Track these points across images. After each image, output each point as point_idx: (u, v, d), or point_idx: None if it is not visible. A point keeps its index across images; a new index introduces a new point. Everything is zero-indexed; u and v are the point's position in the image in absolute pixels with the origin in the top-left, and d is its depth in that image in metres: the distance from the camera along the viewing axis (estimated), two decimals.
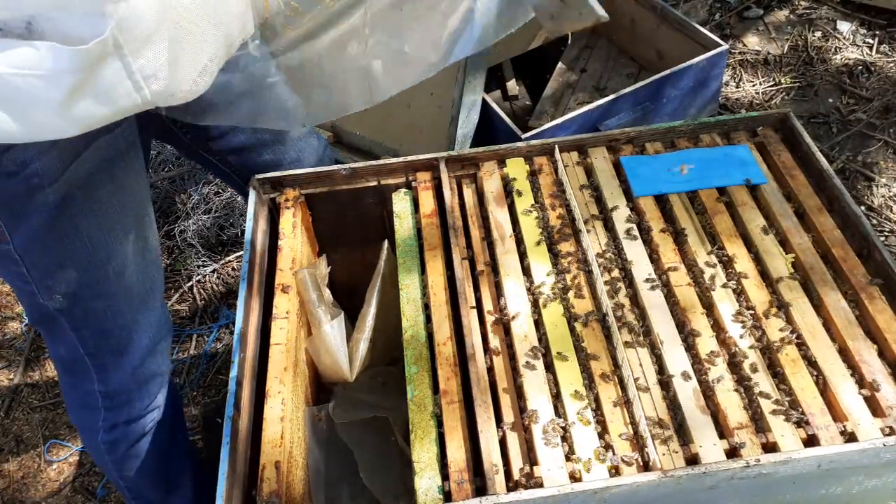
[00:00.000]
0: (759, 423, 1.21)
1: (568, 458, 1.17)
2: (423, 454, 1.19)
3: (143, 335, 1.42)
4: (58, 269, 1.25)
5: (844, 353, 1.28)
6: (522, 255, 1.47)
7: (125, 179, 1.28)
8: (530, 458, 1.19)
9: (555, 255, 1.46)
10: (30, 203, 1.17)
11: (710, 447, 1.17)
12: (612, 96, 2.27)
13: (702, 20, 3.22)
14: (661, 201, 1.55)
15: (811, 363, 1.27)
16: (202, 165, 1.64)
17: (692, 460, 1.17)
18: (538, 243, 1.48)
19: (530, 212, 1.53)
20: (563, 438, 1.20)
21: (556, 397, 1.25)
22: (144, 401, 1.50)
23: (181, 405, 1.70)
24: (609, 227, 1.51)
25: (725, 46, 2.37)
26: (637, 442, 1.18)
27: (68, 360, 1.43)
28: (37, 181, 1.15)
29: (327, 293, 1.57)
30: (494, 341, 1.34)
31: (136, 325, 1.40)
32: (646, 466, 1.16)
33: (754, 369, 1.26)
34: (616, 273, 1.42)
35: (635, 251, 1.45)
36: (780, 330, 1.31)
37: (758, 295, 1.36)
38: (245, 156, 1.57)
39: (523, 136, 2.17)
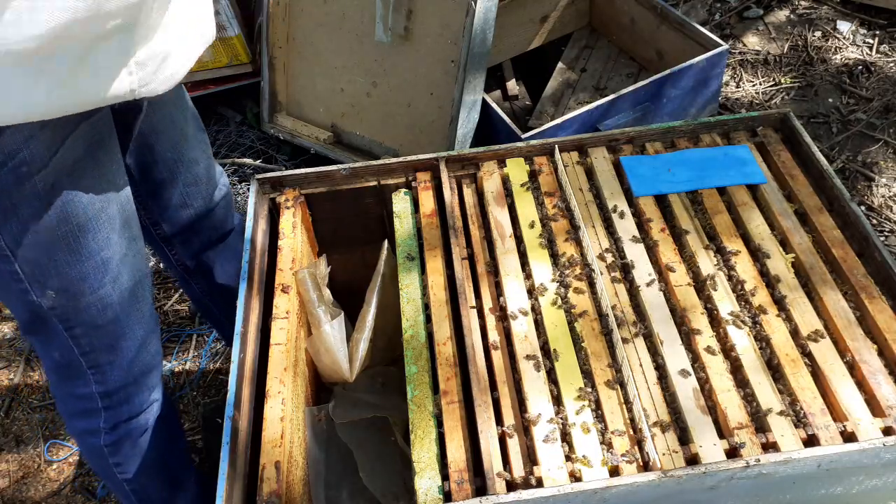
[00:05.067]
0: (758, 423, 1.21)
1: (568, 458, 1.17)
2: (423, 454, 1.19)
3: (136, 328, 1.41)
4: (49, 262, 1.24)
5: (844, 353, 1.28)
6: (522, 255, 1.47)
7: (109, 167, 1.27)
8: (530, 458, 1.19)
9: (555, 255, 1.46)
10: (19, 194, 1.16)
11: (709, 447, 1.17)
12: (612, 96, 2.27)
13: (702, 20, 3.22)
14: (661, 201, 1.55)
15: (811, 363, 1.27)
16: None
17: (692, 460, 1.17)
18: (538, 243, 1.48)
19: (530, 212, 1.53)
20: (563, 438, 1.20)
21: (556, 397, 1.25)
22: (143, 394, 1.49)
23: (172, 401, 1.69)
24: (609, 227, 1.51)
25: (725, 46, 2.38)
26: (637, 442, 1.18)
27: (62, 364, 1.41)
28: (25, 170, 1.14)
29: (327, 293, 1.57)
30: (494, 341, 1.34)
31: (128, 319, 1.39)
32: (646, 466, 1.16)
33: (754, 369, 1.26)
34: (616, 273, 1.42)
35: (635, 251, 1.45)
36: (780, 330, 1.31)
37: (757, 295, 1.36)
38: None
39: (523, 136, 2.18)
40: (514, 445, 1.20)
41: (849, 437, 1.18)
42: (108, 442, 1.51)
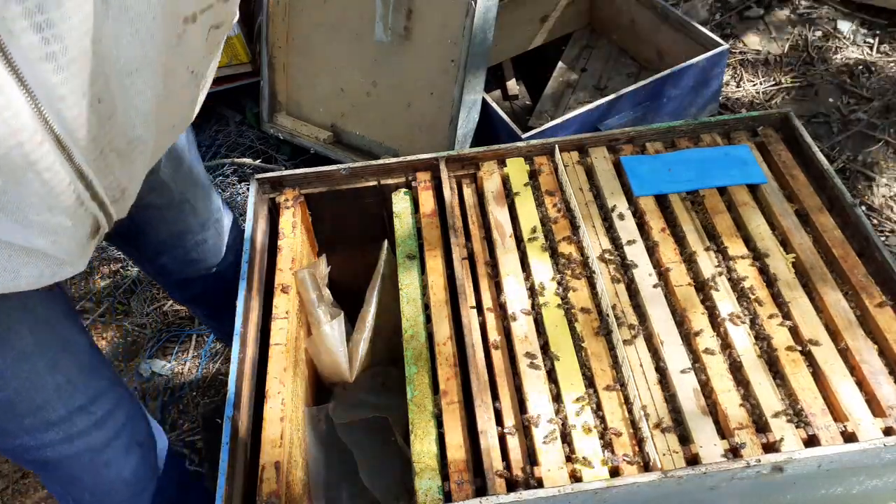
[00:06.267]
0: (759, 423, 1.20)
1: (568, 459, 1.17)
2: (423, 455, 1.19)
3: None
4: None
5: (845, 353, 1.28)
6: (522, 255, 1.47)
7: None
8: (530, 458, 1.19)
9: (555, 255, 1.46)
10: None
11: (710, 447, 1.17)
12: (612, 96, 2.27)
13: (702, 20, 3.22)
14: (662, 201, 1.55)
15: (811, 363, 1.27)
16: None
17: (692, 460, 1.17)
18: (538, 243, 1.48)
19: (530, 212, 1.53)
20: (564, 438, 1.20)
21: (556, 397, 1.25)
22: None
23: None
24: (609, 226, 1.51)
25: (726, 46, 2.37)
26: (637, 442, 1.18)
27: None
28: None
29: (327, 293, 1.57)
30: (494, 341, 1.34)
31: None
32: (646, 467, 1.15)
33: (754, 369, 1.26)
34: (616, 273, 1.42)
35: (635, 251, 1.45)
36: (780, 330, 1.31)
37: (758, 295, 1.36)
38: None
39: (523, 136, 2.17)
40: (514, 445, 1.20)
41: (849, 437, 1.17)
42: None
